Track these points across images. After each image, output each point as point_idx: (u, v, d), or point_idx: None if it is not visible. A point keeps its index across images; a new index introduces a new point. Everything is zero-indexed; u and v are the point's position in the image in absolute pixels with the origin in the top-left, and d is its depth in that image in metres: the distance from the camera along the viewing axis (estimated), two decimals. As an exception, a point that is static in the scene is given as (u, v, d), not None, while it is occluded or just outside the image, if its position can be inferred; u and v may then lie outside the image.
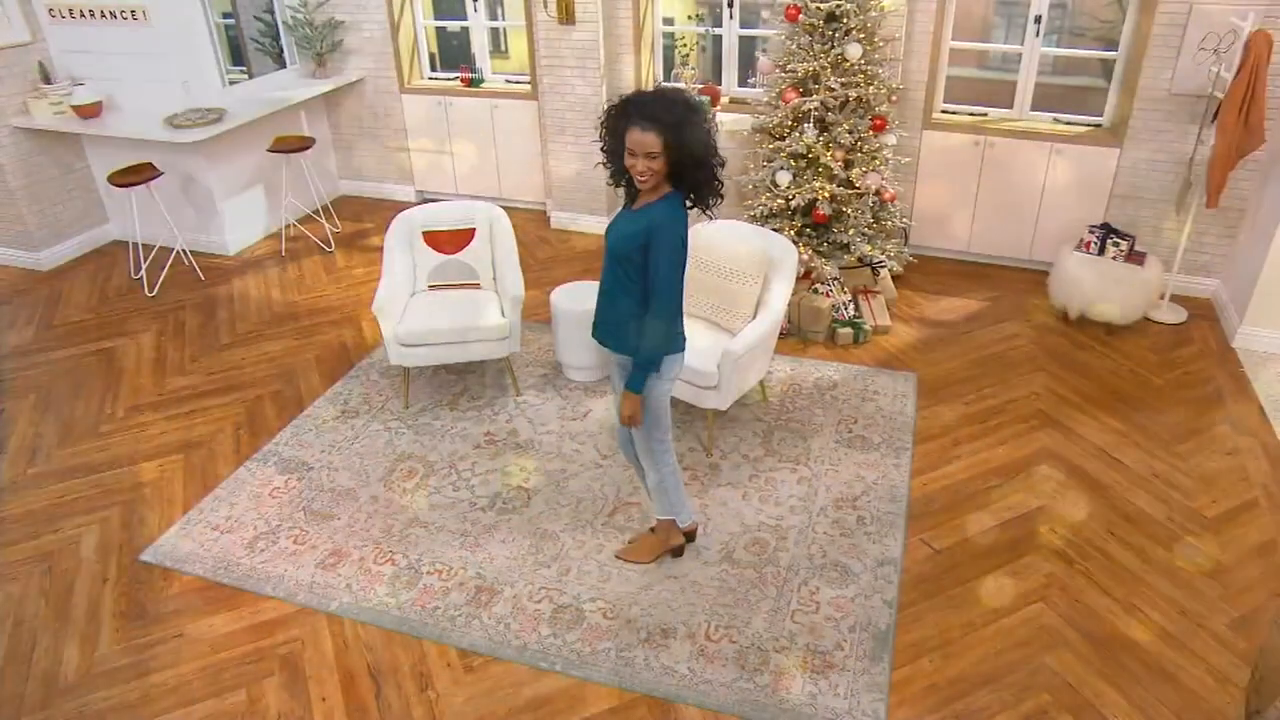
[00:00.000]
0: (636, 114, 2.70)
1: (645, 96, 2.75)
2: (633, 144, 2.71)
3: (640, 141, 2.69)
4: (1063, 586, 3.47)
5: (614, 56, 6.37)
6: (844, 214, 5.08)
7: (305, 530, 3.81)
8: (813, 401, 4.65)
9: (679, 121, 2.69)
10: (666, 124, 2.67)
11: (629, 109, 2.72)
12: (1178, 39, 5.16)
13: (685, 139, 2.70)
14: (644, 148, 2.69)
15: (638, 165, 2.73)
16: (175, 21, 5.94)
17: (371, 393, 4.79)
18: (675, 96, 2.74)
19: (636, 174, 2.76)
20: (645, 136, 2.68)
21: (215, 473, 4.18)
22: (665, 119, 2.67)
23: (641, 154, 2.71)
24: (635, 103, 2.72)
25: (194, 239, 6.50)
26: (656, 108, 2.69)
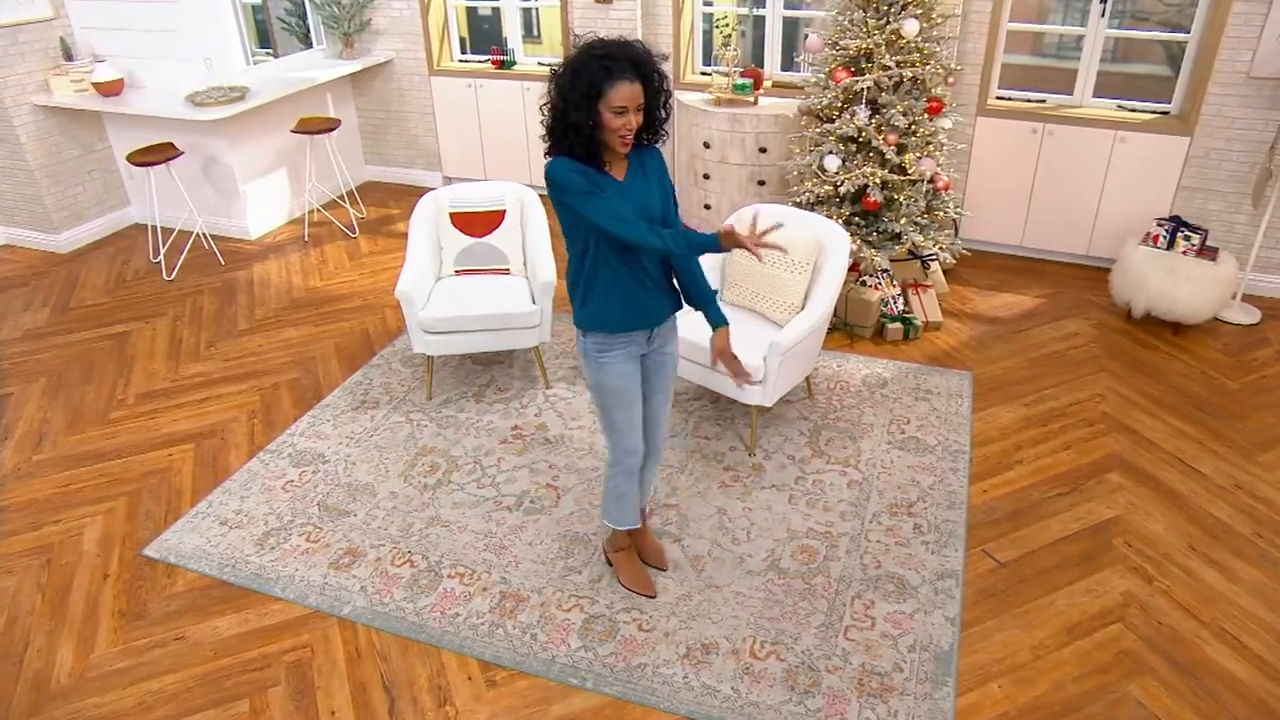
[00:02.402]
0: (622, 65, 2.39)
1: (618, 47, 2.42)
2: (624, 99, 2.40)
3: (633, 95, 2.41)
4: (1142, 606, 3.16)
5: (652, 38, 6.10)
6: (895, 201, 4.77)
7: (319, 527, 3.57)
8: (861, 400, 4.35)
9: (655, 66, 2.48)
10: (649, 71, 2.45)
11: (609, 63, 2.39)
12: (1260, 18, 4.81)
13: (658, 85, 2.49)
14: (636, 100, 2.43)
15: (629, 122, 2.44)
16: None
17: (393, 383, 4.55)
18: (635, 41, 2.47)
19: (626, 132, 2.45)
20: (636, 88, 2.42)
21: (226, 464, 3.96)
22: (646, 67, 2.44)
23: (633, 108, 2.43)
24: (614, 54, 2.39)
25: (215, 222, 6.31)
26: (635, 55, 2.42)
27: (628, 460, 2.96)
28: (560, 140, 2.49)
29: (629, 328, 2.74)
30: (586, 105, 2.40)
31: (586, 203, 2.48)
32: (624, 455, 2.95)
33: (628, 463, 2.97)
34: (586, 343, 2.77)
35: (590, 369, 2.80)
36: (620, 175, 2.61)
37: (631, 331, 2.75)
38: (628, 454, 2.95)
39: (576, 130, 2.43)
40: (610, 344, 2.75)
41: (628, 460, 2.96)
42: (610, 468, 3.02)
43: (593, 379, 2.82)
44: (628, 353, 2.79)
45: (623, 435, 2.91)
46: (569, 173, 2.47)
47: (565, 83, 2.42)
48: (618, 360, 2.77)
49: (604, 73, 2.37)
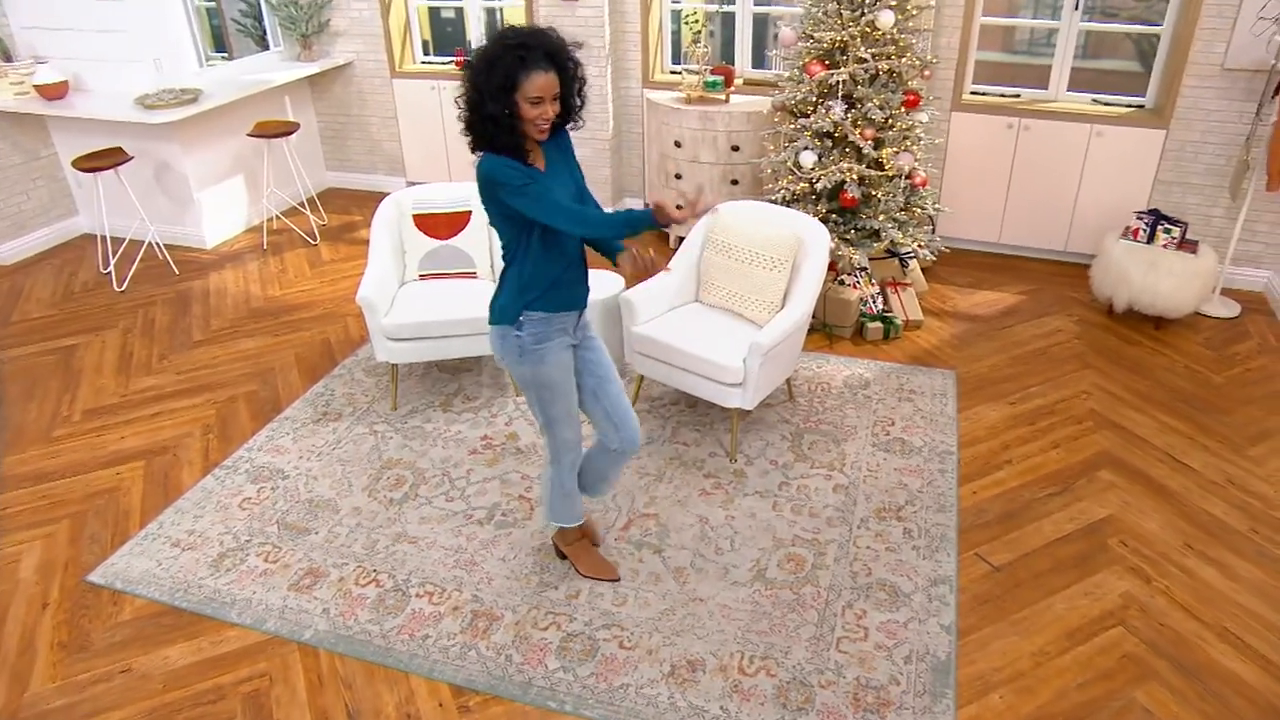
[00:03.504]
0: (536, 54, 2.35)
1: (531, 35, 2.37)
2: (540, 90, 2.36)
3: (548, 85, 2.38)
4: (1142, 608, 3.04)
5: (619, 35, 5.96)
6: (873, 198, 4.65)
7: (278, 547, 3.36)
8: (844, 401, 4.22)
9: (570, 54, 2.44)
10: (563, 60, 2.42)
11: (523, 52, 2.33)
12: (1233, 9, 4.77)
13: (573, 73, 2.46)
14: (552, 90, 2.40)
15: (546, 111, 2.40)
16: (147, -6, 5.52)
17: (356, 393, 4.34)
18: (548, 29, 2.43)
19: (543, 122, 2.42)
20: (551, 77, 2.38)
21: (179, 482, 3.73)
22: (561, 55, 2.41)
23: (550, 97, 2.40)
24: (528, 44, 2.35)
25: (168, 231, 6.06)
26: (549, 44, 2.39)
27: (570, 454, 2.94)
28: (481, 135, 2.44)
29: (570, 306, 2.73)
30: (502, 96, 2.35)
31: (527, 197, 2.43)
32: (566, 449, 2.92)
33: (571, 456, 2.94)
34: (523, 337, 2.69)
35: (528, 364, 2.72)
36: (542, 165, 2.57)
37: (569, 313, 2.74)
38: (569, 447, 2.92)
39: (495, 122, 2.38)
40: (548, 332, 2.70)
41: (570, 454, 2.94)
42: (552, 465, 2.97)
43: (531, 374, 2.74)
44: (562, 342, 2.76)
45: (564, 427, 2.86)
46: (505, 168, 2.42)
47: (480, 75, 2.36)
48: (555, 349, 2.73)
49: (518, 63, 2.33)
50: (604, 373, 2.90)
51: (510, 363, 2.74)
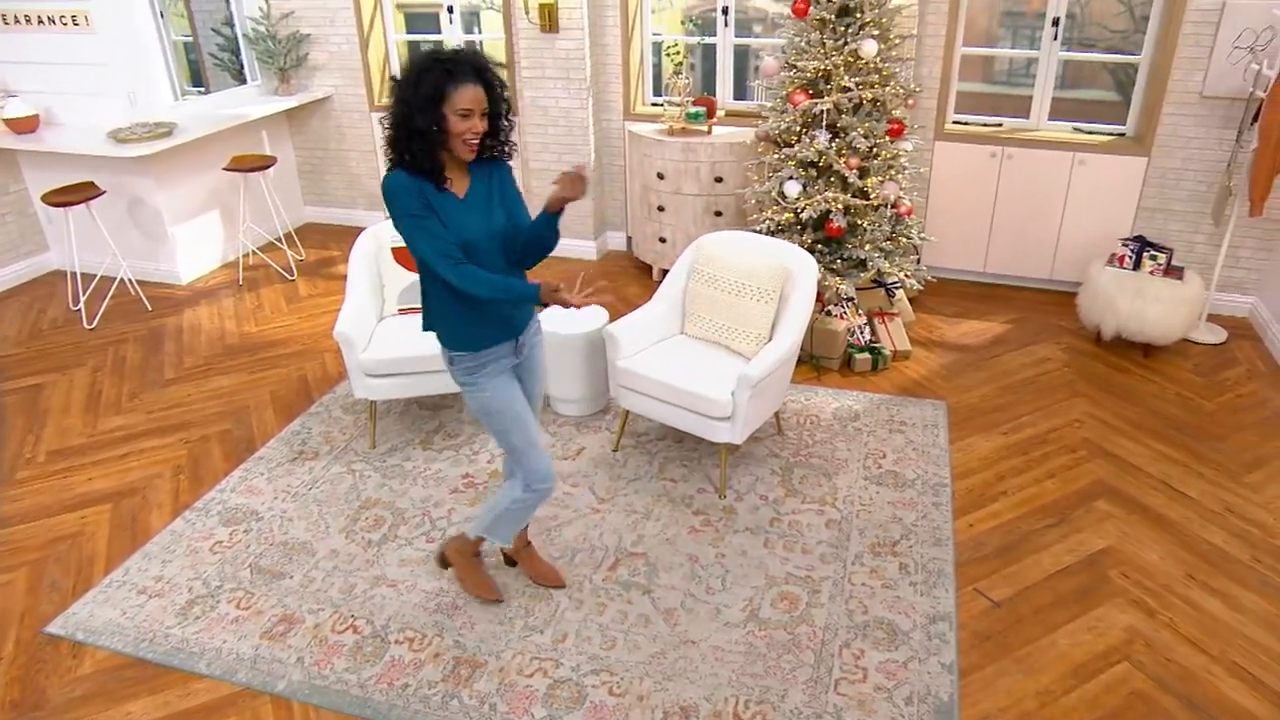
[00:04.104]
0: (464, 68, 2.35)
1: (457, 52, 2.38)
2: (469, 102, 2.36)
3: (477, 98, 2.38)
4: (1148, 642, 2.95)
5: (600, 67, 5.94)
6: (859, 227, 4.61)
7: (250, 592, 3.21)
8: (834, 434, 4.14)
9: (495, 73, 2.45)
10: (490, 76, 2.42)
11: (450, 66, 2.34)
12: (1210, 38, 4.80)
13: (499, 91, 2.46)
14: (481, 104, 2.39)
15: (475, 125, 2.40)
16: (122, 28, 5.44)
17: (333, 431, 4.21)
18: (473, 49, 2.44)
19: (472, 136, 2.41)
20: (479, 91, 2.38)
21: (147, 525, 3.58)
22: (488, 72, 2.41)
23: (478, 112, 2.39)
24: (455, 59, 2.36)
25: (141, 267, 5.93)
26: (476, 59, 2.40)
27: (541, 486, 2.83)
28: (401, 151, 2.41)
29: (499, 341, 2.67)
30: (431, 109, 2.34)
31: (410, 226, 2.42)
32: (536, 480, 2.82)
33: (541, 489, 2.84)
34: (457, 368, 2.67)
35: (470, 394, 2.70)
36: (461, 192, 2.53)
37: (501, 344, 2.69)
38: (540, 478, 2.82)
39: (421, 136, 2.36)
40: (481, 362, 2.67)
41: (541, 486, 2.83)
42: (525, 492, 2.84)
43: (476, 404, 2.71)
44: (498, 367, 2.71)
45: (529, 457, 2.78)
46: (402, 190, 2.41)
47: (408, 89, 2.35)
48: (490, 377, 2.69)
49: (446, 76, 2.33)
50: (532, 391, 2.89)
51: (461, 388, 2.74)
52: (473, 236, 2.51)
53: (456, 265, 2.44)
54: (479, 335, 2.64)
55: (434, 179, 2.44)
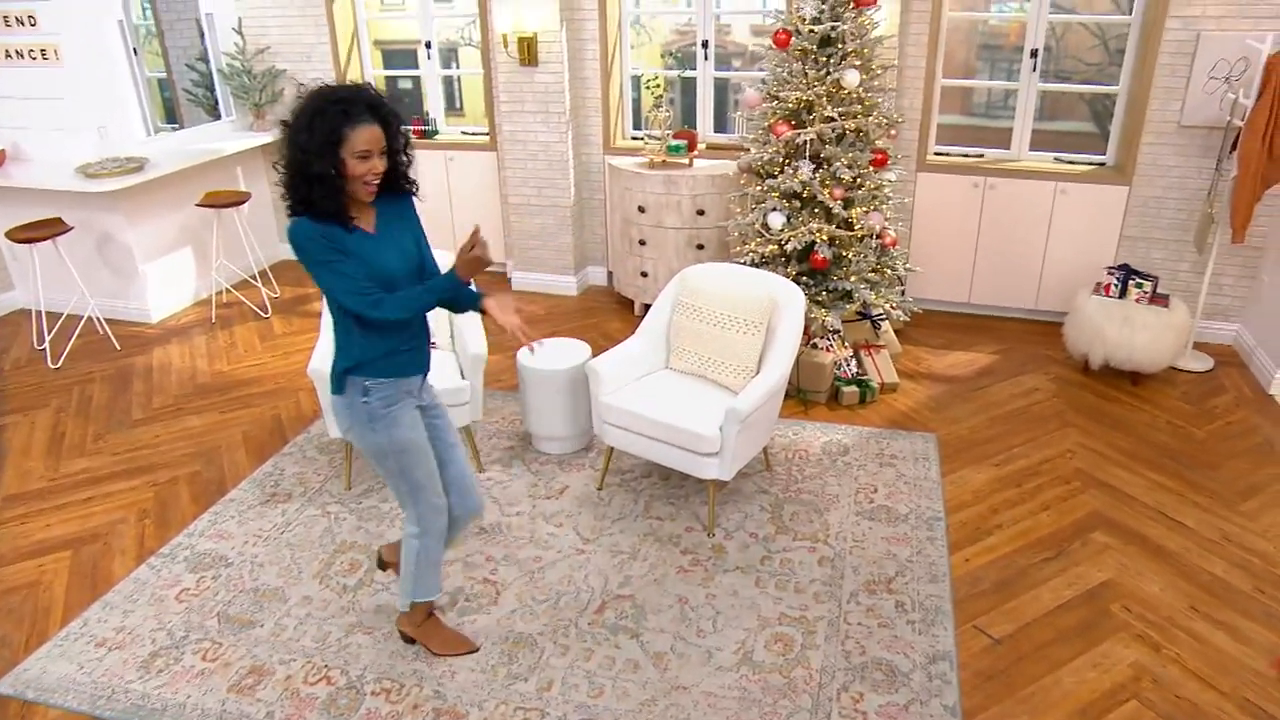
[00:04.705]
0: (359, 108, 2.27)
1: (350, 91, 2.31)
2: (367, 143, 2.29)
3: (373, 137, 2.30)
4: (1155, 679, 2.85)
5: (580, 101, 5.91)
6: (844, 258, 4.56)
7: (218, 643, 3.05)
8: (823, 469, 4.04)
9: (390, 108, 2.37)
10: (386, 114, 2.34)
11: (346, 106, 2.26)
12: (1186, 69, 4.84)
13: (398, 128, 2.40)
14: (379, 143, 2.33)
15: (375, 166, 2.34)
16: (92, 62, 5.35)
17: (308, 472, 4.07)
18: (365, 85, 2.37)
19: (372, 178, 2.35)
20: (376, 130, 2.31)
21: (109, 573, 3.41)
22: (383, 109, 2.34)
23: (377, 151, 2.33)
24: (349, 98, 2.28)
25: (110, 306, 5.78)
26: (371, 98, 2.32)
27: (437, 520, 2.77)
28: (301, 197, 2.33)
29: (415, 372, 2.64)
30: (329, 153, 2.26)
31: (322, 272, 2.37)
32: (432, 515, 2.76)
33: (438, 523, 2.78)
34: (371, 403, 2.57)
35: (382, 431, 2.59)
36: (371, 227, 2.46)
37: (414, 376, 2.65)
38: (436, 512, 2.76)
39: (321, 181, 2.29)
40: (396, 394, 2.60)
41: (437, 520, 2.77)
42: (421, 537, 2.78)
43: (387, 440, 2.61)
44: (410, 403, 2.67)
45: (427, 492, 2.72)
46: (308, 239, 2.35)
47: (301, 134, 2.27)
48: (406, 410, 2.64)
49: (343, 117, 2.25)
50: (452, 439, 2.84)
51: (360, 433, 2.61)
52: (392, 271, 2.45)
53: (375, 302, 2.39)
54: (400, 363, 2.58)
55: (340, 221, 2.37)
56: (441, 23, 6.57)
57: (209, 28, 6.13)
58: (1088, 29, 6.07)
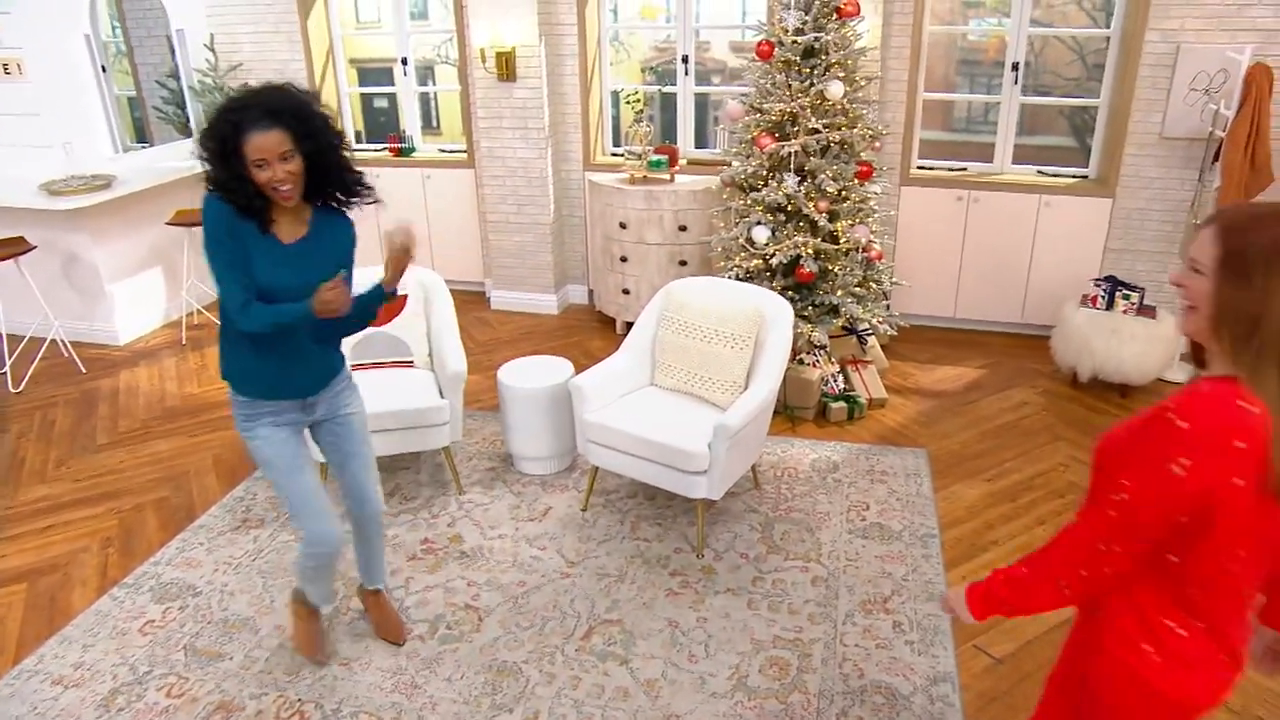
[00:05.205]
0: (252, 114, 2.19)
1: (253, 95, 2.24)
2: (261, 151, 2.19)
3: (271, 143, 2.19)
4: (1162, 700, 2.75)
5: (559, 117, 5.84)
6: (830, 272, 4.49)
7: (184, 677, 2.89)
8: (813, 487, 3.95)
9: (300, 106, 2.24)
10: (288, 118, 2.21)
11: (238, 114, 2.19)
12: (1166, 81, 4.84)
13: (315, 125, 2.26)
14: (278, 149, 2.20)
15: (276, 174, 2.22)
16: (57, 77, 5.21)
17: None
18: (283, 85, 2.28)
19: (277, 184, 2.24)
20: (273, 135, 2.19)
21: (67, 605, 3.24)
22: (287, 112, 2.21)
23: (275, 158, 2.20)
24: (242, 106, 2.21)
25: (75, 327, 5.60)
26: (270, 100, 2.22)
27: (317, 549, 2.64)
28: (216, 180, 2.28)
29: (272, 397, 2.51)
30: (228, 163, 2.21)
31: (211, 258, 2.30)
32: (309, 543, 2.63)
33: (317, 552, 2.65)
34: (235, 414, 2.54)
35: (248, 439, 2.55)
36: (289, 238, 2.35)
37: (279, 401, 2.52)
38: (310, 542, 2.62)
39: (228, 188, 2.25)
40: (256, 411, 2.51)
41: (317, 549, 2.64)
42: (300, 548, 2.68)
43: (252, 450, 2.56)
44: (277, 421, 2.54)
45: (303, 518, 2.59)
46: (214, 219, 2.28)
47: (204, 141, 2.24)
48: (265, 426, 2.53)
49: (232, 127, 2.19)
50: (350, 448, 2.72)
51: None
52: (279, 290, 2.32)
53: (244, 306, 2.29)
54: (256, 386, 2.49)
55: (256, 219, 2.29)
56: (418, 40, 6.50)
57: (180, 44, 6.01)
58: (1065, 44, 6.09)
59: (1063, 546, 1.56)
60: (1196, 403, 1.41)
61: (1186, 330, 1.53)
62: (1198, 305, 1.47)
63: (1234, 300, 1.41)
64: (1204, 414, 1.39)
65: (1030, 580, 1.61)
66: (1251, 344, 1.40)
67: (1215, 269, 1.43)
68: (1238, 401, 1.39)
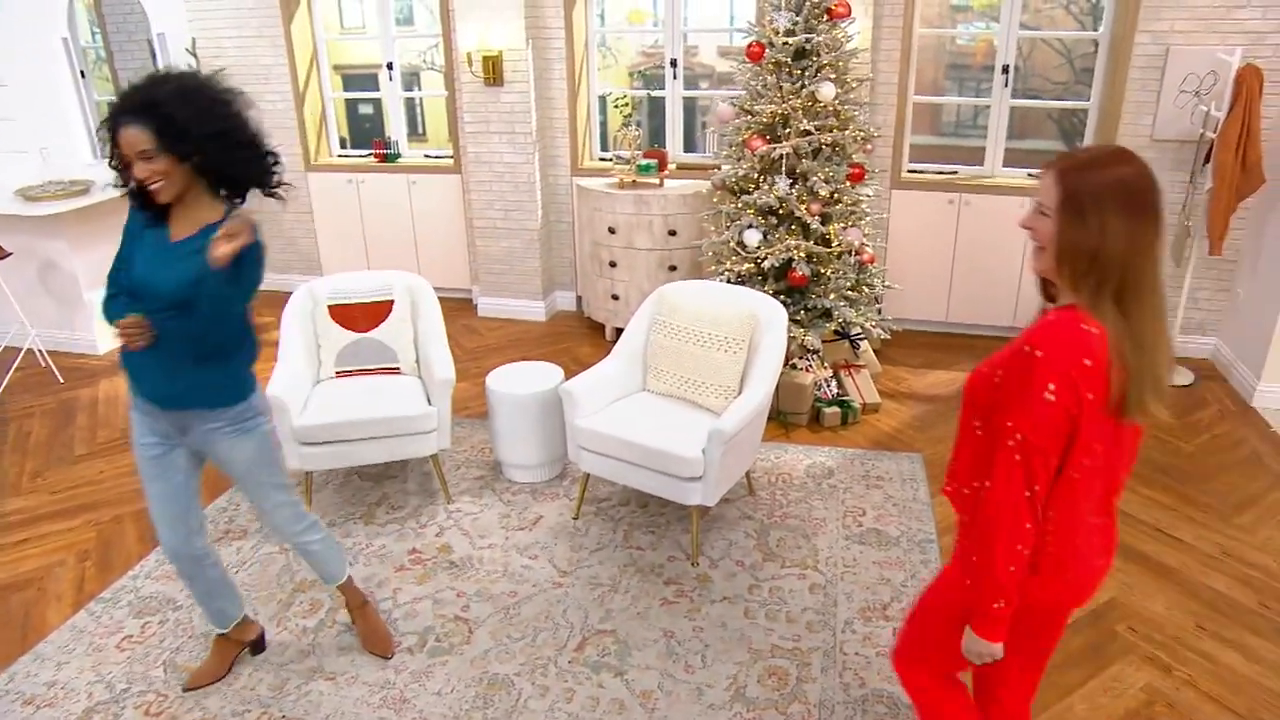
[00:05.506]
0: (120, 110, 2.11)
1: (129, 90, 2.14)
2: (125, 146, 2.12)
3: (129, 141, 2.11)
4: (1169, 703, 2.71)
5: (547, 122, 5.78)
6: (823, 276, 4.44)
7: (163, 695, 2.78)
8: (809, 493, 3.88)
9: (167, 101, 2.09)
10: (151, 110, 2.09)
11: (113, 109, 2.13)
12: (1156, 83, 4.83)
13: (183, 118, 2.09)
14: (134, 147, 2.11)
15: (140, 172, 2.14)
16: (35, 80, 5.11)
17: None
18: (170, 73, 2.17)
19: (148, 182, 2.16)
20: (131, 133, 2.10)
21: (41, 622, 3.13)
22: (146, 104, 2.09)
23: (135, 156, 2.12)
24: (120, 100, 2.13)
25: (53, 336, 5.48)
26: (141, 93, 2.12)
27: (168, 557, 2.62)
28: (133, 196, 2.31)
29: (134, 392, 2.42)
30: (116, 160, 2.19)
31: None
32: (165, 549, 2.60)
33: (169, 560, 2.64)
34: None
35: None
36: (178, 235, 2.27)
37: (144, 401, 2.41)
38: (165, 549, 2.59)
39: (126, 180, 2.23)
40: (134, 402, 2.44)
41: (168, 557, 2.62)
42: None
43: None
44: (149, 426, 2.45)
45: (155, 523, 2.56)
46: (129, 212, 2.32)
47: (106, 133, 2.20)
48: (138, 427, 2.46)
49: (110, 123, 2.13)
50: (233, 473, 2.57)
51: None
52: (142, 288, 2.24)
53: (108, 296, 2.29)
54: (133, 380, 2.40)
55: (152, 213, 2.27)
56: (403, 45, 6.43)
57: (161, 48, 5.91)
58: (1053, 48, 6.10)
59: (994, 516, 1.64)
60: (1046, 331, 1.58)
61: (1037, 268, 1.70)
62: (1045, 245, 1.64)
63: (1074, 238, 1.58)
64: (1054, 340, 1.56)
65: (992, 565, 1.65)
66: (1090, 276, 1.57)
67: (1057, 210, 1.59)
68: (1080, 325, 1.56)
